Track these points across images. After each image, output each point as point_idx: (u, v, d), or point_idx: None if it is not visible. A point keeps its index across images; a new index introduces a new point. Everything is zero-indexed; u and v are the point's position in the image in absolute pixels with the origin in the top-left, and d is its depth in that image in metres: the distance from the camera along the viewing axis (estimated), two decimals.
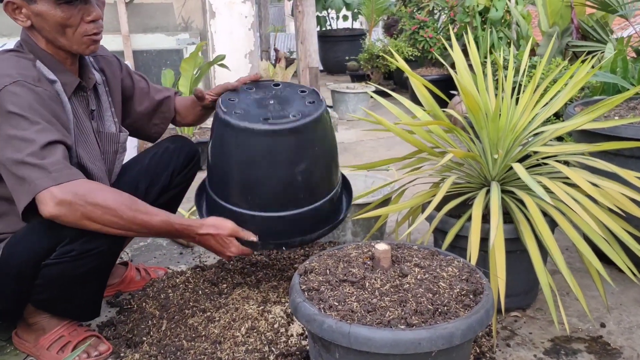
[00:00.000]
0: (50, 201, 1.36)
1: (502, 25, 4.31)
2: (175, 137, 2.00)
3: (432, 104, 1.83)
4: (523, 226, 1.63)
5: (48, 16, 1.51)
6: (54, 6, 1.50)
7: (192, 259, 2.32)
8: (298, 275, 1.36)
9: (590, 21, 3.45)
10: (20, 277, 1.51)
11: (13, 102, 1.41)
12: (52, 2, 1.49)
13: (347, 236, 2.25)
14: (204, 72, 3.62)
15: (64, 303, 1.61)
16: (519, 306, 1.84)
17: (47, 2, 1.49)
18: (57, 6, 1.50)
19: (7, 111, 1.41)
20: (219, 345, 1.59)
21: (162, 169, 1.88)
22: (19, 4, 1.50)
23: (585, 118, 1.64)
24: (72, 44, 1.56)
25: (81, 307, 1.65)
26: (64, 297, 1.58)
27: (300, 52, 4.00)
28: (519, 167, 1.56)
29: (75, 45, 1.57)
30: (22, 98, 1.42)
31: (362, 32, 7.19)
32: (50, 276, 1.50)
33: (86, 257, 1.49)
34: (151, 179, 1.84)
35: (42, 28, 1.54)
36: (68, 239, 1.47)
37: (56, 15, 1.51)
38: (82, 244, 1.48)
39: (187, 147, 1.96)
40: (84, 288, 1.57)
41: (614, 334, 1.71)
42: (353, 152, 3.79)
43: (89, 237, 1.47)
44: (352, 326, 1.15)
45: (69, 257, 1.48)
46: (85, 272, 1.53)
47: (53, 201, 1.36)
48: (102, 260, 1.55)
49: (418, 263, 1.37)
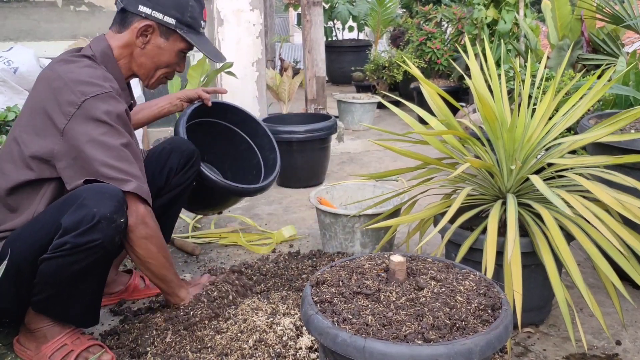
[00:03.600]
0: (140, 207, 1.57)
1: (511, 38, 4.29)
2: (174, 138, 1.98)
3: (447, 113, 1.80)
4: (539, 240, 1.59)
5: (164, 54, 1.73)
6: (177, 51, 1.75)
7: (197, 267, 2.28)
8: (310, 287, 1.32)
9: (601, 34, 3.43)
10: (19, 275, 1.49)
11: (104, 110, 1.53)
12: (180, 48, 1.74)
13: (355, 247, 2.21)
14: (211, 80, 3.59)
15: (61, 304, 1.56)
16: (532, 322, 1.80)
17: (175, 43, 1.73)
18: (180, 52, 1.75)
19: (99, 119, 1.52)
20: (225, 357, 1.55)
21: (157, 170, 1.87)
22: (154, 30, 1.70)
23: (606, 130, 1.60)
24: (149, 77, 1.77)
25: (79, 310, 1.61)
26: (60, 297, 1.54)
27: (307, 61, 3.97)
28: (536, 179, 1.52)
29: (151, 79, 1.78)
30: (112, 108, 1.54)
31: (368, 43, 7.18)
32: (47, 273, 1.48)
33: (81, 251, 1.46)
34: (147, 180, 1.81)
35: (147, 55, 1.73)
36: (61, 231, 1.45)
37: (171, 56, 1.75)
38: (75, 237, 1.44)
39: (185, 147, 1.93)
40: (80, 287, 1.55)
41: (630, 352, 1.66)
42: (359, 163, 3.76)
43: (83, 230, 1.44)
44: (367, 340, 1.11)
45: (63, 251, 1.45)
46: (81, 269, 1.49)
47: (140, 211, 1.57)
48: (98, 257, 1.50)
49: (434, 276, 1.33)
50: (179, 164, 1.90)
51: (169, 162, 1.89)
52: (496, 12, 4.25)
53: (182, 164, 1.91)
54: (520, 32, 4.22)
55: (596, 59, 3.29)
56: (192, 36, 1.74)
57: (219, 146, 2.40)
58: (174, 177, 1.90)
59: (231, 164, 2.44)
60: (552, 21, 3.67)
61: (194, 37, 1.75)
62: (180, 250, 2.43)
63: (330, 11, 6.85)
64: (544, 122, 1.76)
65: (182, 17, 1.72)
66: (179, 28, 1.72)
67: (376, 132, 4.54)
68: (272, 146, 2.38)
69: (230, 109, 2.37)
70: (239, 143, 2.42)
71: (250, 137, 2.41)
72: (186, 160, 1.92)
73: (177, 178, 1.91)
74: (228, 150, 2.42)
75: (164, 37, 1.72)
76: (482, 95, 1.55)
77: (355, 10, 6.87)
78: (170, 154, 1.90)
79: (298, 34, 10.71)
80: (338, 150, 3.98)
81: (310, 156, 3.07)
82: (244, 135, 2.41)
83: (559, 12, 3.63)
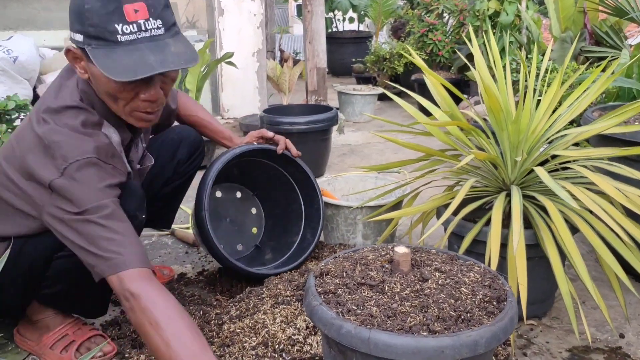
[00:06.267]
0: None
1: (513, 30, 4.27)
2: (180, 127, 1.96)
3: (451, 104, 1.79)
4: (544, 232, 1.58)
5: (100, 82, 1.35)
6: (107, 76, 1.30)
7: (198, 258, 2.27)
8: (313, 278, 1.31)
9: (604, 27, 3.41)
10: (30, 272, 1.46)
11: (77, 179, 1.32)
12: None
13: (357, 239, 2.20)
14: (212, 70, 3.58)
15: (73, 298, 1.55)
16: (534, 314, 1.79)
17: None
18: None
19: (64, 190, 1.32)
20: (227, 348, 1.54)
21: (166, 161, 1.85)
22: (78, 56, 1.36)
23: (612, 122, 1.59)
24: (121, 114, 1.42)
25: (90, 303, 1.60)
26: (73, 291, 1.53)
27: (308, 52, 3.95)
28: (541, 171, 1.51)
29: (124, 116, 1.43)
30: (87, 178, 1.33)
31: (369, 34, 7.15)
32: (62, 269, 1.46)
33: None
34: (156, 170, 1.80)
35: (96, 88, 1.40)
36: None
37: (108, 85, 1.34)
38: None
39: (192, 137, 1.92)
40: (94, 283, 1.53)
41: (633, 345, 1.66)
42: (360, 155, 3.75)
43: None
44: (372, 331, 1.10)
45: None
46: None
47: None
48: None
49: (438, 267, 1.32)
50: (187, 153, 1.89)
51: (178, 154, 1.87)
52: (498, 4, 4.23)
53: (190, 154, 1.90)
54: (522, 24, 4.20)
55: (599, 51, 3.27)
56: (100, 52, 1.28)
57: (273, 191, 2.25)
58: (182, 167, 1.89)
59: (276, 216, 2.27)
60: (555, 13, 3.65)
61: (102, 52, 1.28)
62: (181, 241, 2.42)
63: (330, 2, 6.81)
64: (548, 114, 1.75)
65: (84, 29, 1.29)
66: (87, 44, 1.29)
67: (377, 124, 4.52)
68: (316, 226, 2.11)
69: (295, 164, 2.14)
70: (292, 202, 2.22)
71: (305, 204, 2.19)
72: (194, 150, 1.91)
73: (184, 167, 1.90)
74: (279, 202, 2.25)
75: (90, 61, 1.31)
76: (488, 86, 1.54)
77: (355, 0, 6.83)
78: (179, 144, 1.88)
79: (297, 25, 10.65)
80: (339, 142, 3.96)
81: (312, 147, 3.06)
82: (300, 197, 2.20)
83: (562, 4, 3.61)
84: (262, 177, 2.20)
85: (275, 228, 2.26)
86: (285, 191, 2.21)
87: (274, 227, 2.26)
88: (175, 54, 1.31)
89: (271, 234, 2.25)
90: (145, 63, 1.27)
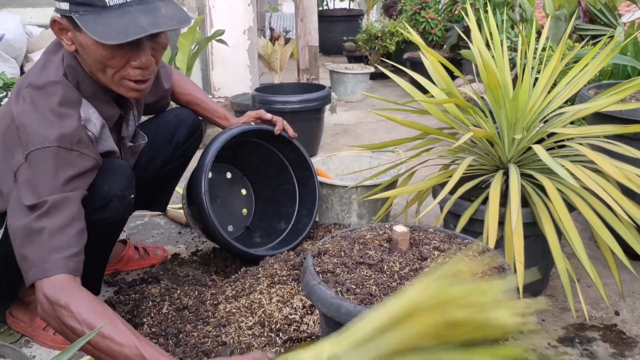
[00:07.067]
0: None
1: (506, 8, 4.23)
2: (178, 109, 1.93)
3: (448, 82, 1.77)
4: (541, 210, 1.57)
5: (90, 50, 1.31)
6: (97, 43, 1.27)
7: (192, 239, 2.25)
8: (311, 257, 1.30)
9: (598, 4, 3.39)
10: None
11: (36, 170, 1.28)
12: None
13: (352, 218, 2.19)
14: (202, 48, 3.52)
15: None
16: (530, 293, 1.80)
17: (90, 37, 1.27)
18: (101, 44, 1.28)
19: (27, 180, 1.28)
20: (223, 328, 1.53)
21: (164, 143, 1.82)
22: (65, 26, 1.32)
23: (610, 100, 1.58)
24: (110, 84, 1.39)
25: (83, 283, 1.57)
26: None
27: (300, 30, 3.90)
28: (539, 149, 1.50)
29: (113, 86, 1.39)
30: (46, 167, 1.28)
31: (360, 12, 7.08)
32: None
33: (90, 229, 1.40)
34: (153, 153, 1.78)
35: (84, 59, 1.37)
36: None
37: (97, 52, 1.30)
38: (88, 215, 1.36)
39: (190, 119, 1.89)
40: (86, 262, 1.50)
41: (628, 322, 1.67)
42: (353, 134, 3.72)
43: (94, 209, 1.39)
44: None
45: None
46: (90, 245, 1.44)
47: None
48: (108, 233, 1.47)
49: (437, 246, 1.31)
50: (185, 136, 1.86)
51: (176, 136, 1.85)
52: None
53: (188, 137, 1.87)
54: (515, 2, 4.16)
55: (593, 29, 3.25)
56: (88, 17, 1.26)
57: (263, 172, 2.24)
58: (179, 149, 1.87)
59: (267, 197, 2.26)
60: None
61: (91, 18, 1.26)
62: (174, 221, 2.40)
63: None
64: (546, 91, 1.73)
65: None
66: (74, 12, 1.27)
67: (369, 103, 4.49)
68: (312, 207, 2.11)
69: (291, 145, 2.12)
70: (285, 182, 2.21)
71: (299, 185, 2.18)
72: (192, 133, 1.88)
73: (182, 150, 1.87)
74: (271, 183, 2.24)
75: (77, 30, 1.30)
76: (487, 63, 1.52)
77: None
78: (177, 127, 1.85)
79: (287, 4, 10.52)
80: (331, 122, 3.93)
81: (305, 127, 3.02)
82: (294, 178, 2.19)
83: None
84: (253, 157, 2.18)
85: (265, 209, 2.24)
86: (277, 171, 2.19)
87: (264, 208, 2.25)
88: (166, 15, 1.29)
89: (262, 215, 2.23)
90: (137, 25, 1.24)
